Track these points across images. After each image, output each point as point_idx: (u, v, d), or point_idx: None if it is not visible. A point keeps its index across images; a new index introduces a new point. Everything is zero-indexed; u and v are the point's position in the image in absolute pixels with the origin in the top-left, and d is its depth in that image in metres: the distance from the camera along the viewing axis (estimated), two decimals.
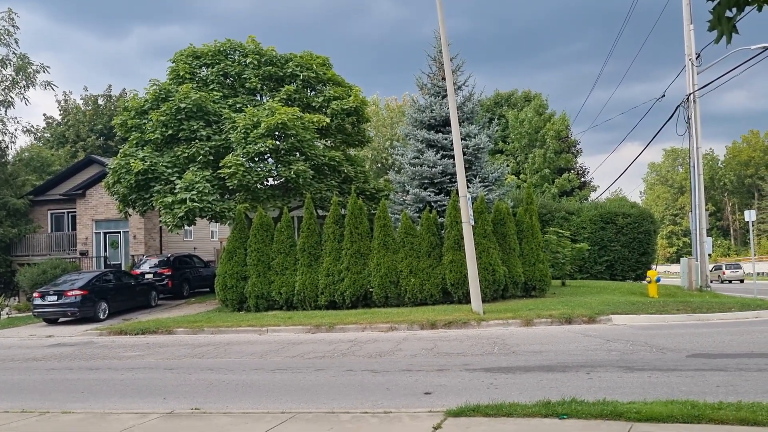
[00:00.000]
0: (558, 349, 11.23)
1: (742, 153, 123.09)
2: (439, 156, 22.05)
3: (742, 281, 49.57)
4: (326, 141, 26.03)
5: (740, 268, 53.45)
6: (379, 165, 43.28)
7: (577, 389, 7.80)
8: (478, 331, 14.39)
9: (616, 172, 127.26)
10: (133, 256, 30.49)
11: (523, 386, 8.30)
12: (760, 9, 3.17)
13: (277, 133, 21.85)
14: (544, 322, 14.87)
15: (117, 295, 21.66)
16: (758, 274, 50.73)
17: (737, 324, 14.66)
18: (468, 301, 16.91)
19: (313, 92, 25.47)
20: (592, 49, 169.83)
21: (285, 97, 23.64)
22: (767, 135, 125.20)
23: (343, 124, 25.18)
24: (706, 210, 25.77)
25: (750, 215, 23.96)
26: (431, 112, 22.90)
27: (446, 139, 21.99)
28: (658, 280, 20.90)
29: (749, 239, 26.54)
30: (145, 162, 21.94)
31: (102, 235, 32.41)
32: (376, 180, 30.07)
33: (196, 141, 22.52)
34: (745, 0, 3.11)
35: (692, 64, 23.70)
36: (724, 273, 51.53)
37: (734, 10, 3.16)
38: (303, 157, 22.58)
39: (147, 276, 24.99)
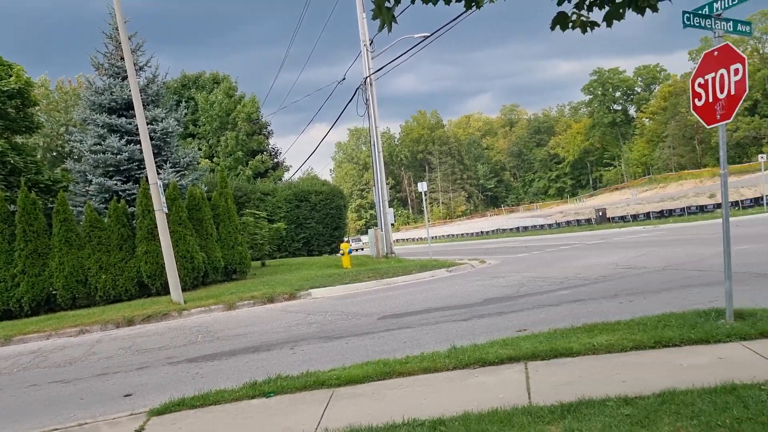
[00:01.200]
0: (262, 329, 11.39)
1: (414, 131, 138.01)
2: (123, 142, 20.60)
3: (362, 249, 54.81)
4: None
5: (360, 240, 58.76)
6: (54, 154, 39.02)
7: (282, 366, 7.99)
8: (180, 321, 13.90)
9: (307, 152, 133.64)
10: None
11: (230, 371, 8.24)
12: (413, 2, 3.47)
13: None
14: (247, 304, 14.96)
15: None
16: (432, 237, 57.48)
17: (418, 284, 16.45)
18: (167, 292, 16.23)
19: None
20: (278, 32, 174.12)
21: None
22: (432, 114, 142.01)
23: (5, 108, 22.07)
24: (387, 184, 28.29)
25: (422, 186, 26.92)
26: (111, 94, 21.23)
27: (131, 124, 20.62)
28: (350, 251, 22.44)
29: (423, 207, 29.88)
30: None
31: None
32: (52, 170, 27.02)
33: None
34: None
35: (367, 49, 25.67)
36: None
37: (392, 1, 3.42)
38: None
39: None
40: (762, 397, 4.32)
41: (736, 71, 6.64)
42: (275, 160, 49.11)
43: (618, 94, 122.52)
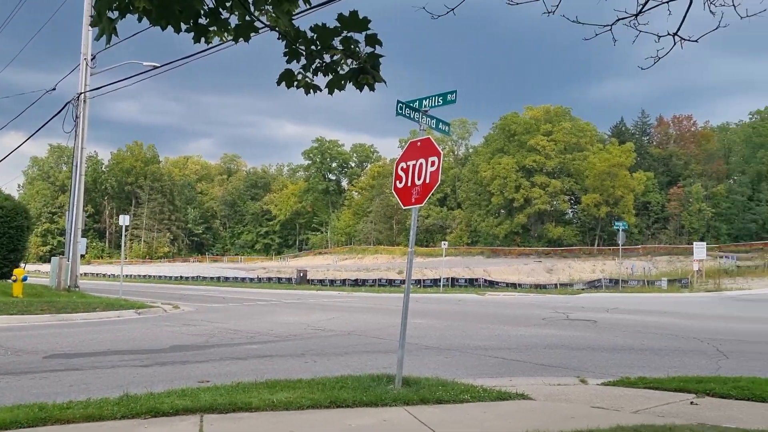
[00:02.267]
0: None
1: (126, 161, 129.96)
2: None
3: None
4: None
5: None
6: None
7: None
8: None
9: None
10: None
11: None
12: (140, 20, 3.26)
13: None
14: None
15: None
16: (126, 276, 53.86)
17: (100, 323, 15.13)
18: None
19: None
20: None
21: None
22: (150, 148, 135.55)
23: None
24: (85, 211, 25.95)
25: (124, 220, 25.24)
26: None
27: None
28: (24, 279, 19.90)
29: (122, 242, 27.93)
30: None
31: None
32: None
33: None
34: (127, 7, 3.15)
35: (87, 63, 23.75)
36: None
37: (116, 12, 3.17)
38: None
39: None
40: None
41: (433, 163, 7.48)
42: None
43: (335, 164, 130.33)
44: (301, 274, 58.77)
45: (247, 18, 3.20)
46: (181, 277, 75.27)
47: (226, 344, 11.97)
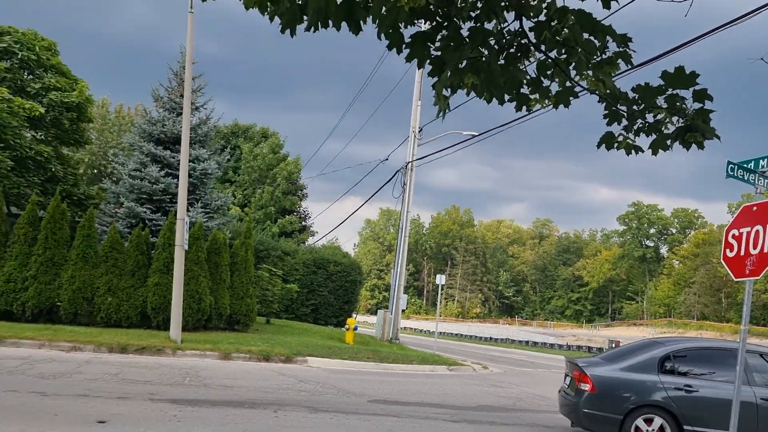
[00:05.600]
0: (251, 386, 11.17)
1: (444, 224, 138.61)
2: (163, 173, 20.98)
3: None
4: (37, 133, 23.17)
5: None
6: (96, 171, 39.92)
7: (261, 426, 7.80)
8: (172, 360, 13.73)
9: (335, 222, 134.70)
10: None
11: (207, 420, 8.04)
12: (468, 94, 3.57)
13: None
14: (243, 357, 14.76)
15: None
16: (440, 333, 56.59)
17: (415, 375, 16.10)
18: (167, 328, 16.09)
19: (31, 76, 22.67)
20: (333, 103, 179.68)
21: None
22: (465, 212, 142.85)
23: (61, 119, 22.71)
24: (407, 270, 28.23)
25: (440, 279, 26.78)
26: (163, 126, 21.79)
27: (174, 158, 21.03)
28: (356, 328, 22.18)
29: (437, 301, 29.64)
30: None
31: None
32: (89, 186, 27.51)
33: None
34: (458, 84, 3.49)
35: (415, 135, 26.24)
36: None
37: (449, 90, 3.53)
38: (2, 145, 19.75)
39: None
40: None
41: None
42: (303, 222, 49.51)
43: (653, 230, 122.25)
44: (614, 345, 55.50)
45: (567, 84, 3.28)
46: (490, 338, 76.55)
47: (532, 410, 11.82)
